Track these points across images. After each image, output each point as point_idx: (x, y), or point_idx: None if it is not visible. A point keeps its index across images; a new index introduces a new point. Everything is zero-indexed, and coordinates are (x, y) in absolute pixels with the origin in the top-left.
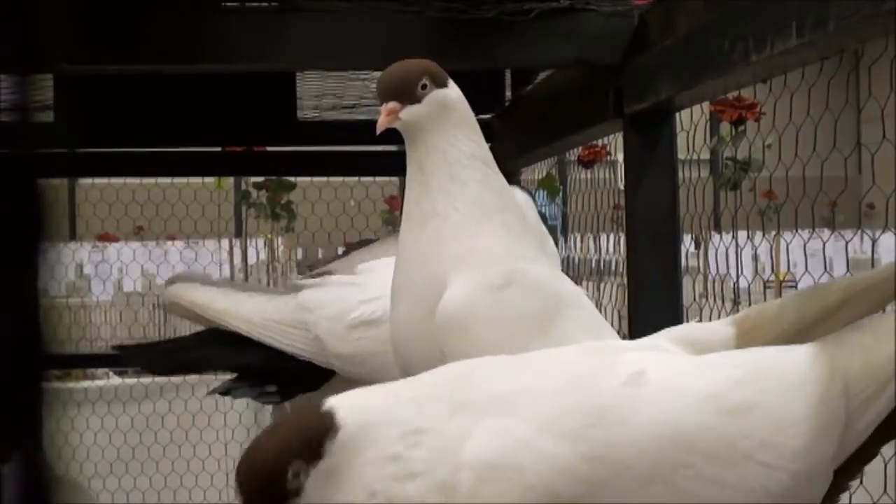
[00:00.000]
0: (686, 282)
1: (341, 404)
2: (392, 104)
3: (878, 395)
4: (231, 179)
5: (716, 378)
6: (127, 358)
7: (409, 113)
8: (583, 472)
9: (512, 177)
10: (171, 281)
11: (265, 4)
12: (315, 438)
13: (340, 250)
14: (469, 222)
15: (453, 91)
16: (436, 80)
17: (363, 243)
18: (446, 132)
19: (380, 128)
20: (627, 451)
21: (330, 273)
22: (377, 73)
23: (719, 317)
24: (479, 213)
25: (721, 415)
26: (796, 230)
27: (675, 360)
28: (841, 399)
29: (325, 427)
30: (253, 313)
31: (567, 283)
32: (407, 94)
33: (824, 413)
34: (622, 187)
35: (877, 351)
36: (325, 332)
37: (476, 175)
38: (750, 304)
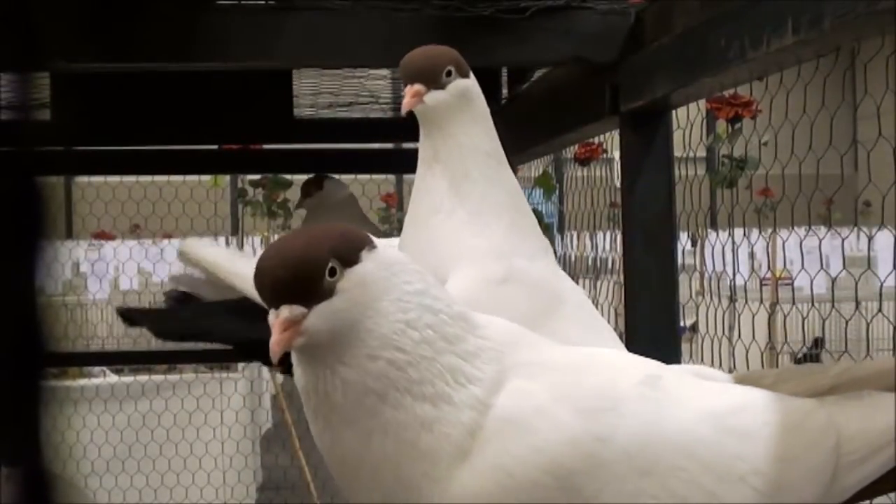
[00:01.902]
0: (683, 279)
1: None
2: (417, 86)
3: (867, 459)
4: (227, 177)
5: (721, 400)
6: (131, 319)
7: (433, 98)
8: (589, 448)
9: None
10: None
11: (261, 2)
12: (354, 244)
13: None
14: (475, 221)
15: (474, 83)
16: (460, 70)
17: None
18: (465, 124)
19: (405, 108)
20: (633, 440)
21: None
22: (373, 72)
23: (716, 314)
24: (487, 211)
25: (721, 432)
26: (792, 228)
27: (687, 377)
28: (832, 452)
29: (363, 237)
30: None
31: (567, 281)
32: (432, 78)
33: (816, 459)
34: (618, 185)
35: (871, 421)
36: None
37: (488, 172)
38: (746, 302)
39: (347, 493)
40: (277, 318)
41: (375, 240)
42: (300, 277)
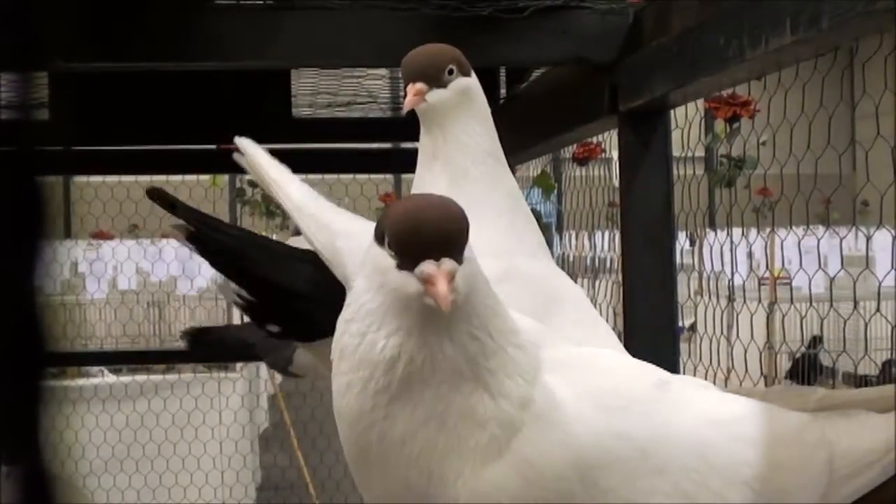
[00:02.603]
0: (681, 279)
1: None
2: (420, 85)
3: (857, 475)
4: (226, 177)
5: (726, 408)
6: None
7: (435, 96)
8: (609, 443)
9: None
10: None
11: (259, 2)
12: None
13: None
14: (473, 218)
15: (476, 82)
16: (462, 68)
17: None
18: (466, 123)
19: (407, 107)
20: (650, 439)
21: None
22: (372, 72)
23: (714, 314)
24: (486, 211)
25: (729, 438)
26: (791, 227)
27: (693, 386)
28: (826, 465)
29: None
30: (299, 197)
31: (565, 280)
32: (434, 76)
33: (812, 470)
34: (617, 185)
35: (860, 439)
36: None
37: (488, 171)
38: (745, 301)
39: (360, 473)
40: (440, 268)
41: None
42: (463, 235)
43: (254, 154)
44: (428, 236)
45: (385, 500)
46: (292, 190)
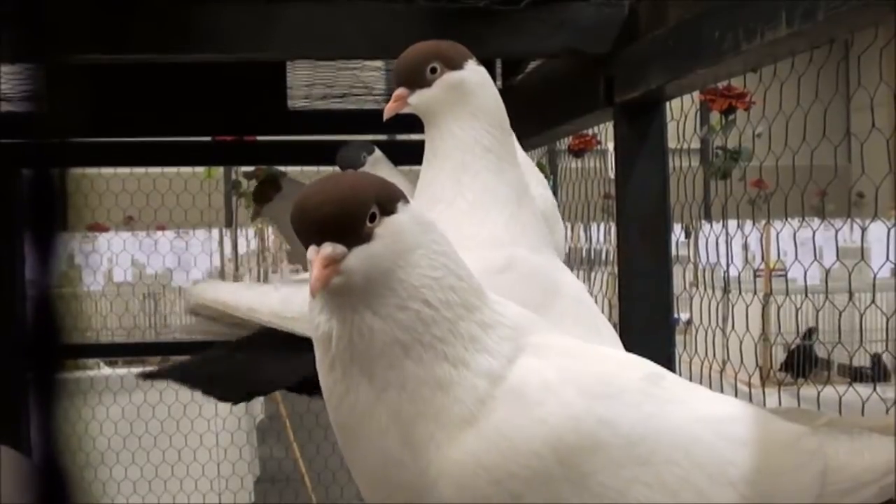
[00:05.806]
0: (676, 271)
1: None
2: (400, 90)
3: (852, 492)
4: (221, 169)
5: (720, 407)
6: (171, 378)
7: (419, 98)
8: (591, 428)
9: None
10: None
11: None
12: (393, 194)
13: None
14: (476, 211)
15: (471, 74)
16: (448, 63)
17: None
18: (463, 119)
19: (386, 114)
20: (635, 428)
21: None
22: (368, 63)
23: (710, 306)
24: (489, 203)
25: (717, 437)
26: (786, 219)
27: (689, 384)
28: (819, 476)
29: (399, 191)
30: (281, 306)
31: (568, 275)
32: (416, 79)
33: (802, 479)
34: (612, 176)
35: (859, 457)
36: None
37: (489, 166)
38: (740, 293)
39: (346, 453)
40: (318, 254)
41: None
42: (346, 216)
43: (214, 295)
44: (308, 223)
45: (368, 478)
46: (267, 301)
